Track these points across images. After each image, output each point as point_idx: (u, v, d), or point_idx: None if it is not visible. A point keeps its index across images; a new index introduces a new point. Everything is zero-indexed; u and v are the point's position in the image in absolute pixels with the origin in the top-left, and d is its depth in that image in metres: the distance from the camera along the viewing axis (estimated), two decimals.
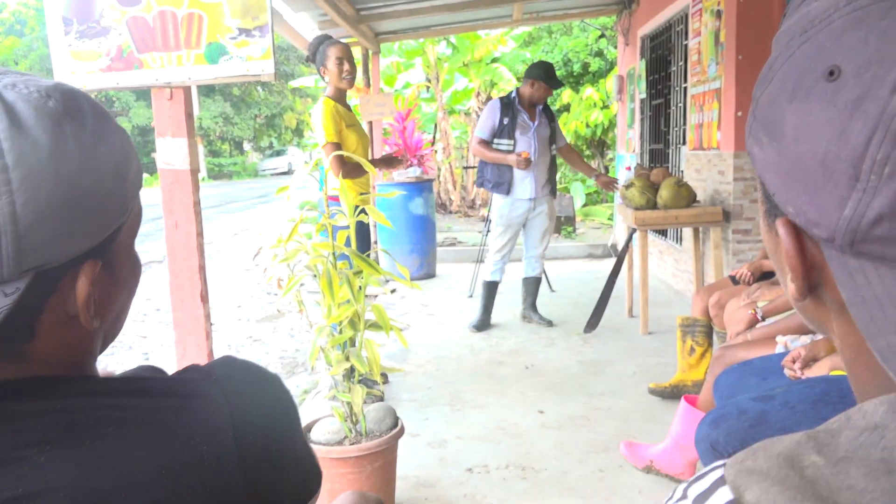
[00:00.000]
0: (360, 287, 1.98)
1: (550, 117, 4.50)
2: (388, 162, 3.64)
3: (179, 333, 2.35)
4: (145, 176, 25.21)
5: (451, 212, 11.49)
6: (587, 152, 11.50)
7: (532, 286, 4.68)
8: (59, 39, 2.20)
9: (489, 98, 13.01)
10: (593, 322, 4.40)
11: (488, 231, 6.38)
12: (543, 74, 4.29)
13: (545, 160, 4.41)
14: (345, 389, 2.11)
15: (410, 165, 9.84)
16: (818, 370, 1.62)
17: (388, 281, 6.79)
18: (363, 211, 2.03)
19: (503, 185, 4.33)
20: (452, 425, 2.97)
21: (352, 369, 2.10)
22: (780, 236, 0.41)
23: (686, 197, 4.21)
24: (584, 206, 10.45)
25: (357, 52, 8.65)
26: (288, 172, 28.40)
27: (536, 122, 4.35)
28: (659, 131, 6.20)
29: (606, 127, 10.72)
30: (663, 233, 5.90)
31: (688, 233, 4.98)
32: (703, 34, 4.70)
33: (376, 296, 6.09)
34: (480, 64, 12.14)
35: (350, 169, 3.18)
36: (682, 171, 5.32)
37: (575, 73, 11.32)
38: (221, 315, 5.31)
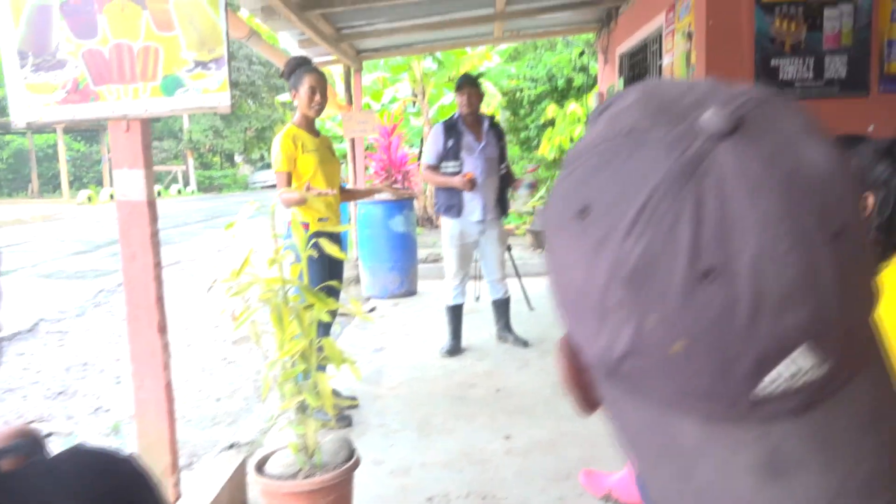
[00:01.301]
0: (312, 321, 1.98)
1: (499, 136, 4.41)
2: (370, 193, 3.61)
3: (136, 365, 2.35)
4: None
5: (436, 226, 11.49)
6: None
7: (501, 308, 4.64)
8: (15, 73, 2.20)
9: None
10: None
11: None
12: (455, 84, 4.36)
13: (493, 181, 4.31)
14: (299, 422, 2.11)
15: (395, 182, 9.84)
16: None
17: (368, 299, 6.79)
18: (316, 245, 2.03)
19: (453, 207, 4.27)
20: (418, 452, 2.97)
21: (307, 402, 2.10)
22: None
23: None
24: None
25: (339, 70, 8.69)
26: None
27: (483, 143, 4.26)
28: None
29: None
30: None
31: None
32: (675, 55, 4.75)
33: (356, 315, 6.08)
34: None
35: (288, 198, 3.23)
36: None
37: (560, 89, 11.39)
38: (197, 336, 5.29)
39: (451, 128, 4.27)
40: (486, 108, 13.22)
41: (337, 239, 3.44)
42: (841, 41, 4.12)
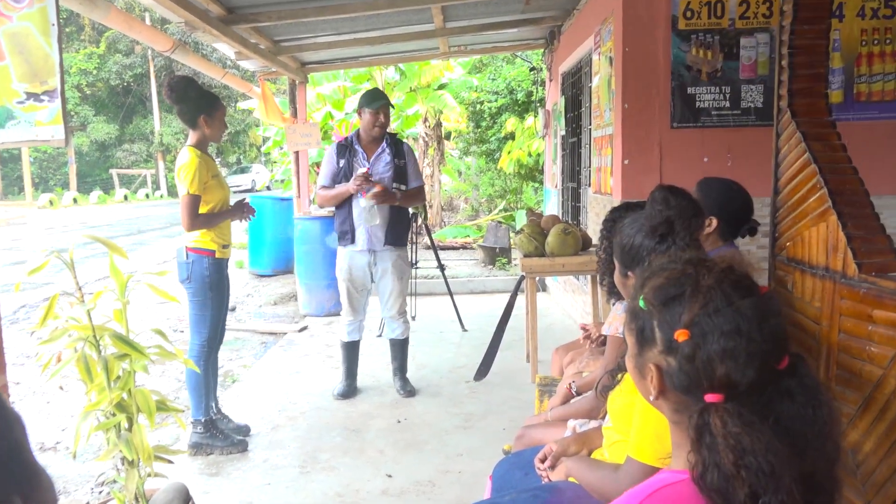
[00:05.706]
0: (128, 371, 1.88)
1: (398, 154, 3.97)
2: (240, 211, 3.45)
3: None
4: (100, 193, 24.76)
5: None
6: (540, 178, 11.46)
7: (395, 348, 4.18)
8: None
9: (438, 124, 13.00)
10: (483, 370, 4.33)
11: (414, 264, 6.26)
12: (365, 100, 3.94)
13: (383, 206, 3.88)
14: (127, 473, 2.00)
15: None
16: (558, 474, 1.56)
17: (304, 317, 6.66)
18: (220, 273, 1.93)
19: (347, 234, 3.93)
20: (291, 492, 2.87)
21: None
22: None
23: (573, 245, 4.17)
24: None
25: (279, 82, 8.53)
26: (252, 189, 28.12)
27: (372, 161, 3.91)
28: (574, 170, 6.20)
29: None
30: None
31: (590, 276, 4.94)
32: (601, 78, 4.71)
33: (285, 333, 5.96)
34: (428, 90, 12.13)
35: (207, 220, 3.16)
36: (588, 213, 5.31)
37: (520, 102, 11.36)
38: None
39: (344, 147, 3.97)
40: (451, 119, 13.18)
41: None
42: (757, 70, 4.10)
